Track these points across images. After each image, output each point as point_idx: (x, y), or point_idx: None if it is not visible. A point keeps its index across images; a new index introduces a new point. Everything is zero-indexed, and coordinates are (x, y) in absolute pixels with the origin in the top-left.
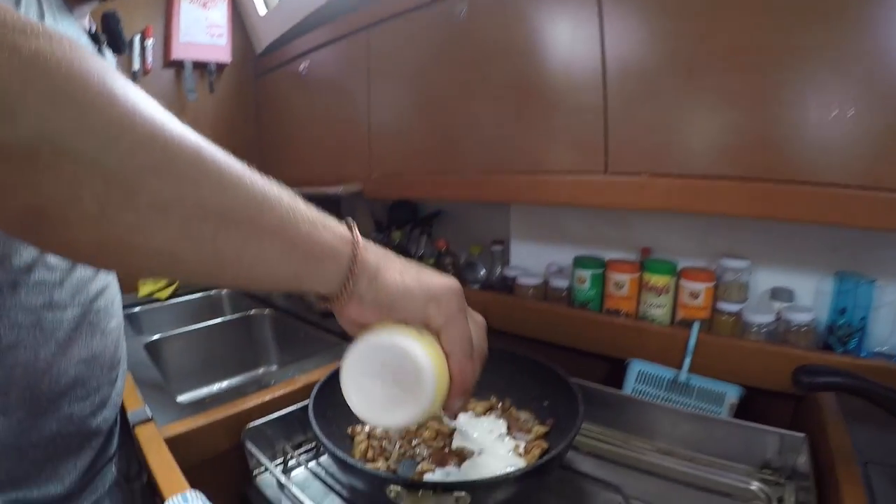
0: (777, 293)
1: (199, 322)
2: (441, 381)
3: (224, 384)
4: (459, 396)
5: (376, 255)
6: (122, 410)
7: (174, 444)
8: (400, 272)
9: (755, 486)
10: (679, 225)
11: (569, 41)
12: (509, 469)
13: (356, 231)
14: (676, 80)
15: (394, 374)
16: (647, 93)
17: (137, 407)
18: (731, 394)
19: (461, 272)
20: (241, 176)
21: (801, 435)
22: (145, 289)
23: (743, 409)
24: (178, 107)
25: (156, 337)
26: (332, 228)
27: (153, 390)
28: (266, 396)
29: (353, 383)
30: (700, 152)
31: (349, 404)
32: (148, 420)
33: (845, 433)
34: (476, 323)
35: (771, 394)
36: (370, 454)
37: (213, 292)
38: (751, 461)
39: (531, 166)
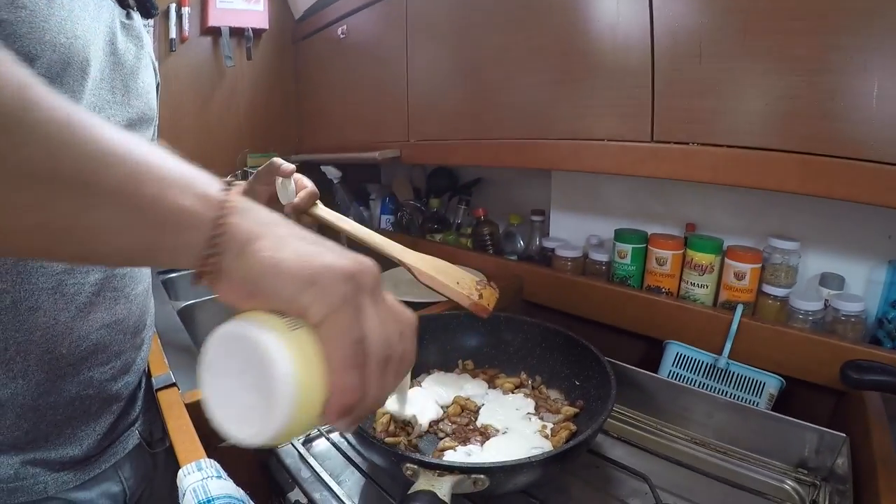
0: (826, 279)
1: None
2: (308, 394)
3: None
4: (339, 416)
5: (254, 223)
6: (149, 376)
7: (197, 409)
8: (278, 246)
9: (789, 485)
10: (727, 200)
11: None
12: (534, 451)
13: (233, 192)
14: (729, 41)
15: (249, 376)
16: (697, 55)
17: (163, 372)
18: (772, 384)
19: (499, 242)
20: (80, 130)
21: (842, 435)
22: None
23: (781, 401)
24: (216, 74)
25: (189, 302)
26: (197, 190)
27: (185, 356)
28: None
29: (209, 380)
30: (753, 122)
31: (204, 405)
32: (171, 385)
33: (888, 437)
34: (396, 319)
35: (812, 386)
36: (392, 428)
37: None
38: (786, 459)
39: (573, 132)
